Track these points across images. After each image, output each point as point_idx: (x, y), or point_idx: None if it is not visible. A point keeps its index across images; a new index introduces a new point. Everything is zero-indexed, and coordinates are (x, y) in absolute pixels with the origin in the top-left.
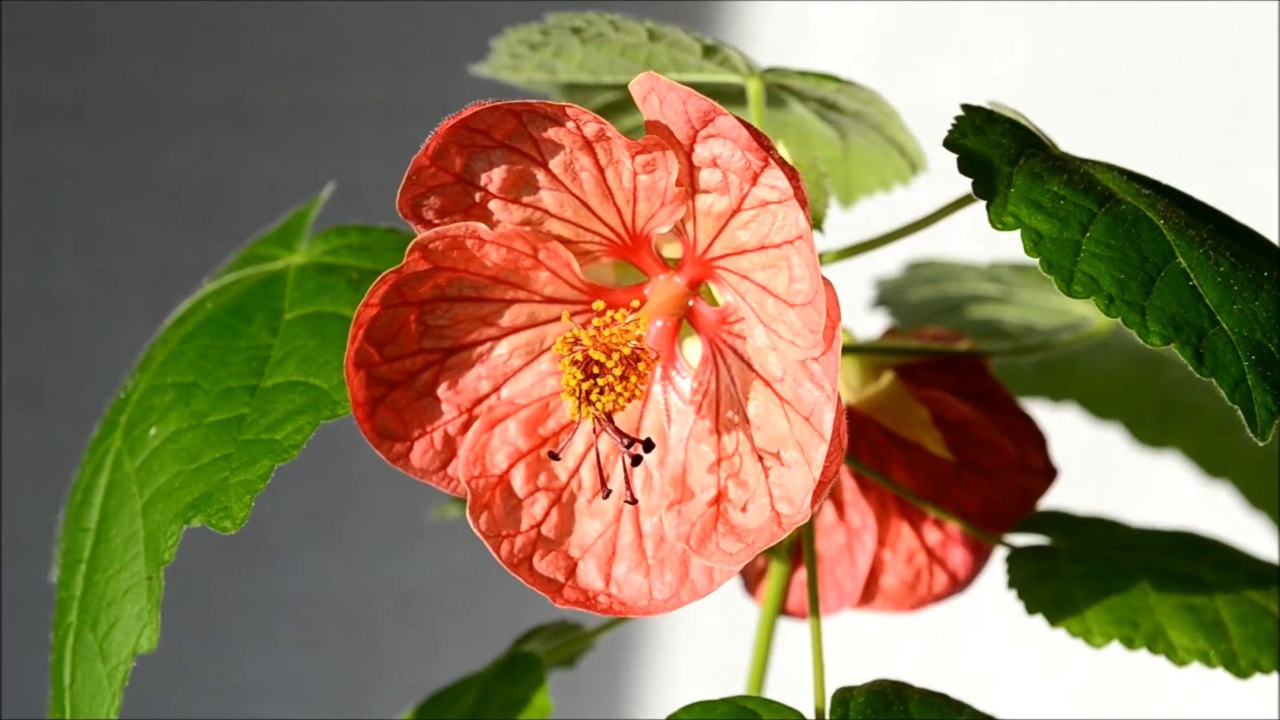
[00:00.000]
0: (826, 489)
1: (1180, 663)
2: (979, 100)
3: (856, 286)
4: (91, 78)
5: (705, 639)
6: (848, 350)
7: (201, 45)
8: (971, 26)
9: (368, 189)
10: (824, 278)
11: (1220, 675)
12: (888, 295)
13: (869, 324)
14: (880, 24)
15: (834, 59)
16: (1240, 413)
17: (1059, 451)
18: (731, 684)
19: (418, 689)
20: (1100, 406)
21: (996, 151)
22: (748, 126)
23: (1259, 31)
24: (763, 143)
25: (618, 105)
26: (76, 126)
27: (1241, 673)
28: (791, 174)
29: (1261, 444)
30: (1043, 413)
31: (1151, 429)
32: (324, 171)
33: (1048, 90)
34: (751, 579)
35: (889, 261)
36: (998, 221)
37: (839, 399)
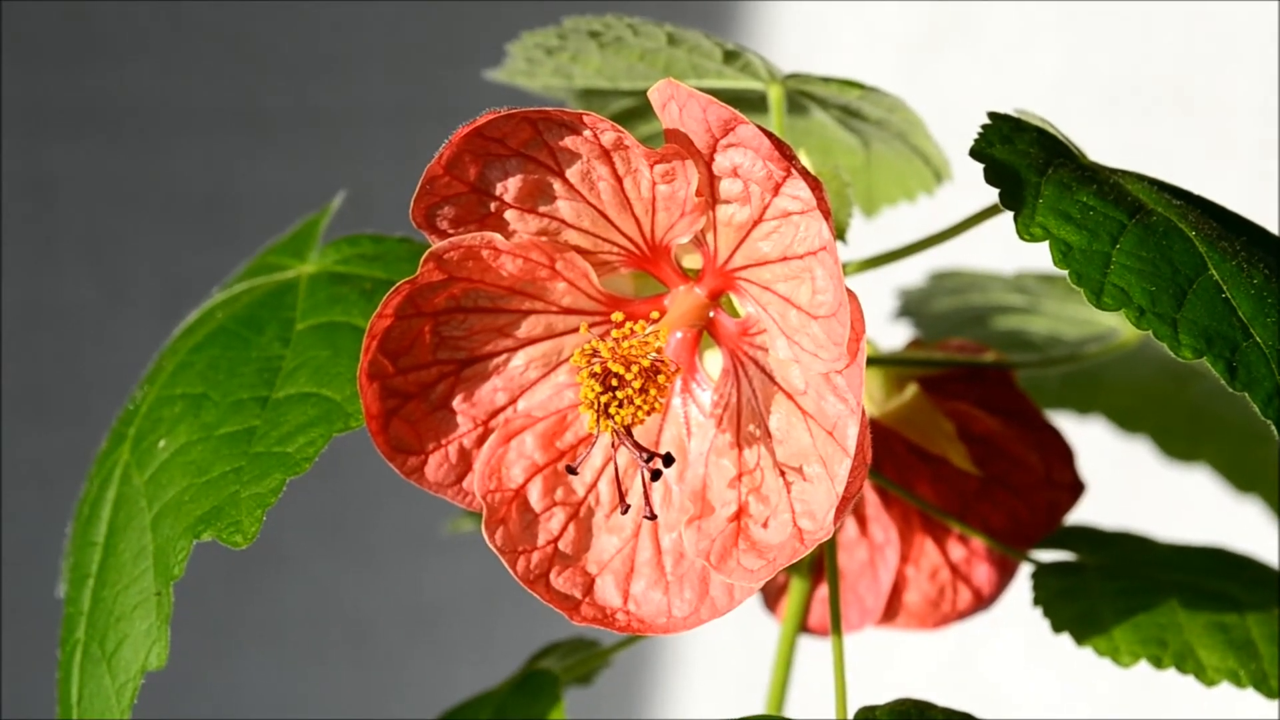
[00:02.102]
0: (850, 505)
1: (1209, 682)
2: (1008, 106)
3: (879, 297)
4: (98, 82)
5: (724, 657)
6: (871, 362)
7: (211, 49)
8: (1002, 30)
9: (380, 196)
10: (848, 289)
11: (1248, 696)
12: (911, 306)
13: (892, 335)
14: (907, 27)
15: (859, 63)
16: (1273, 427)
17: (1086, 465)
18: (750, 703)
19: (429, 704)
20: (1128, 420)
21: (1024, 161)
22: (769, 135)
23: None
24: (785, 152)
25: (635, 112)
26: (83, 131)
27: (1272, 693)
28: (814, 184)
29: None
30: (1069, 426)
31: (1180, 442)
32: (336, 178)
33: (1081, 95)
34: (771, 595)
35: (913, 272)
36: (1025, 233)
37: (863, 413)
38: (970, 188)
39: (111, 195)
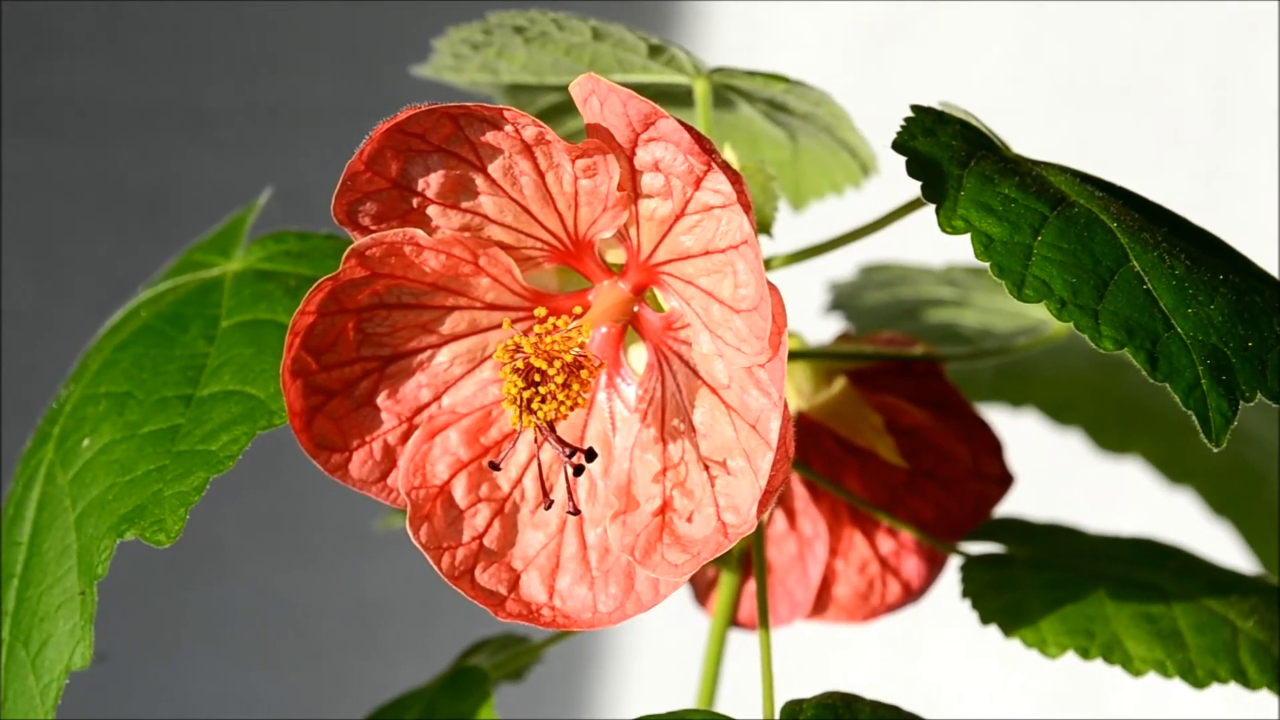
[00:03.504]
0: (773, 498)
1: (1136, 673)
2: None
3: (812, 291)
4: (39, 79)
5: (661, 651)
6: (800, 356)
7: (152, 46)
8: (954, 25)
9: (322, 193)
10: (770, 283)
11: (1181, 689)
12: (842, 299)
13: (824, 328)
14: (851, 24)
15: (806, 59)
16: (1194, 418)
17: (1019, 458)
18: (687, 697)
19: (373, 702)
20: (1061, 412)
21: (946, 154)
22: (689, 129)
23: (1244, 35)
24: (705, 146)
25: (563, 107)
26: (23, 129)
27: (1198, 683)
28: (735, 178)
29: (1216, 449)
30: (1002, 419)
31: (1113, 435)
32: (279, 175)
33: (1032, 89)
34: (702, 590)
35: (846, 265)
36: (947, 225)
37: (785, 406)
38: (901, 181)
39: (52, 192)
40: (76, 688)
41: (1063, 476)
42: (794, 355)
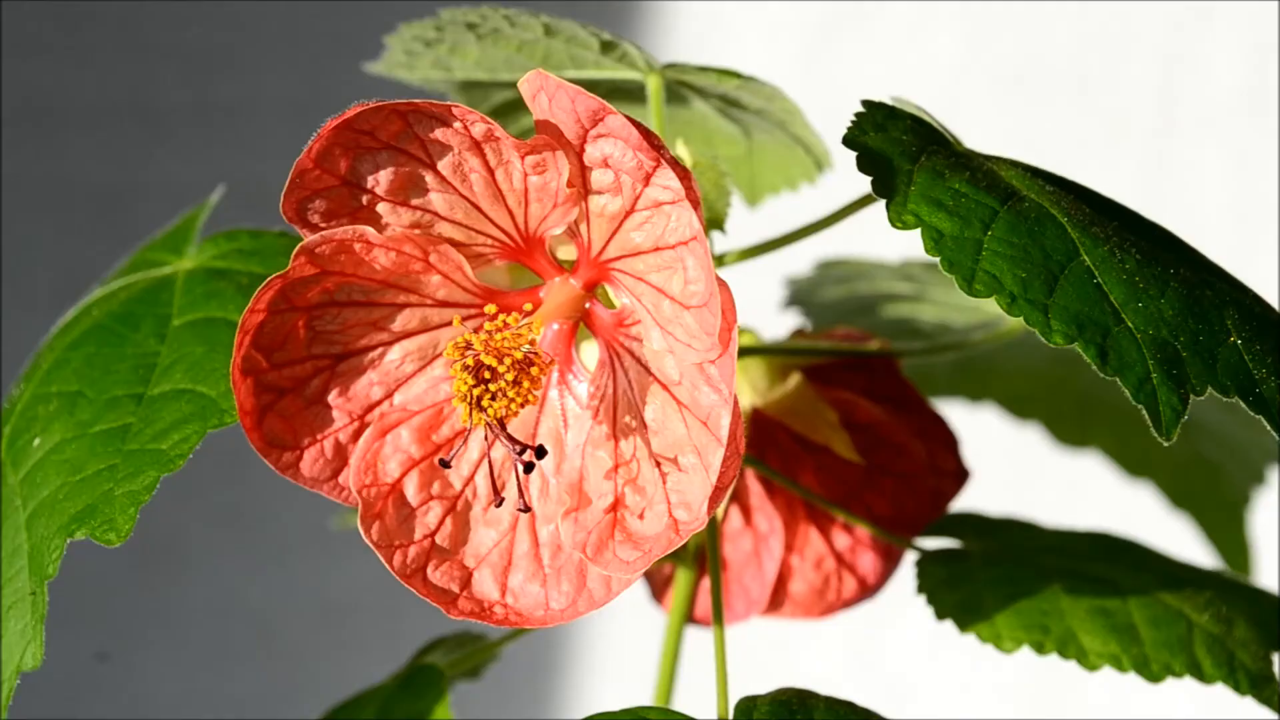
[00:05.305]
0: (724, 494)
1: (1091, 667)
2: (906, 94)
3: (768, 286)
4: None
5: (620, 648)
6: (755, 352)
7: (105, 42)
8: (901, 17)
9: (279, 190)
10: (720, 279)
11: (1146, 684)
12: (800, 295)
13: (781, 324)
14: (807, 16)
15: (758, 52)
16: (1145, 412)
17: (978, 452)
18: (645, 694)
19: (338, 699)
20: (1019, 406)
21: (897, 149)
22: (638, 126)
23: (1191, 26)
24: (653, 142)
25: (516, 104)
26: None
27: (1154, 677)
28: (683, 174)
29: (1166, 444)
30: (961, 413)
31: (1072, 428)
32: (234, 172)
33: (979, 81)
34: (658, 586)
35: (803, 261)
36: (897, 220)
37: (736, 402)
38: (857, 177)
39: (6, 191)
40: (38, 688)
41: (1022, 471)
42: (749, 351)
